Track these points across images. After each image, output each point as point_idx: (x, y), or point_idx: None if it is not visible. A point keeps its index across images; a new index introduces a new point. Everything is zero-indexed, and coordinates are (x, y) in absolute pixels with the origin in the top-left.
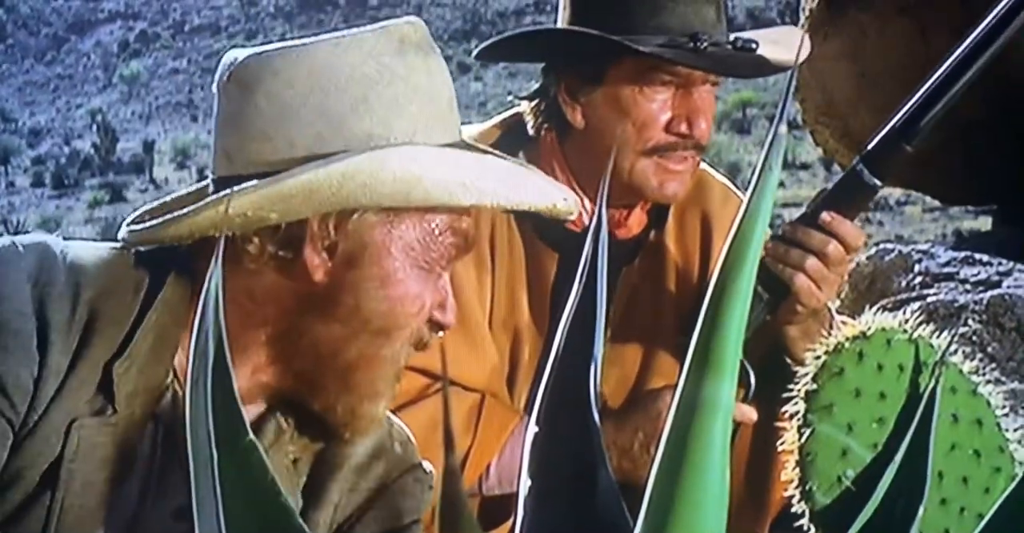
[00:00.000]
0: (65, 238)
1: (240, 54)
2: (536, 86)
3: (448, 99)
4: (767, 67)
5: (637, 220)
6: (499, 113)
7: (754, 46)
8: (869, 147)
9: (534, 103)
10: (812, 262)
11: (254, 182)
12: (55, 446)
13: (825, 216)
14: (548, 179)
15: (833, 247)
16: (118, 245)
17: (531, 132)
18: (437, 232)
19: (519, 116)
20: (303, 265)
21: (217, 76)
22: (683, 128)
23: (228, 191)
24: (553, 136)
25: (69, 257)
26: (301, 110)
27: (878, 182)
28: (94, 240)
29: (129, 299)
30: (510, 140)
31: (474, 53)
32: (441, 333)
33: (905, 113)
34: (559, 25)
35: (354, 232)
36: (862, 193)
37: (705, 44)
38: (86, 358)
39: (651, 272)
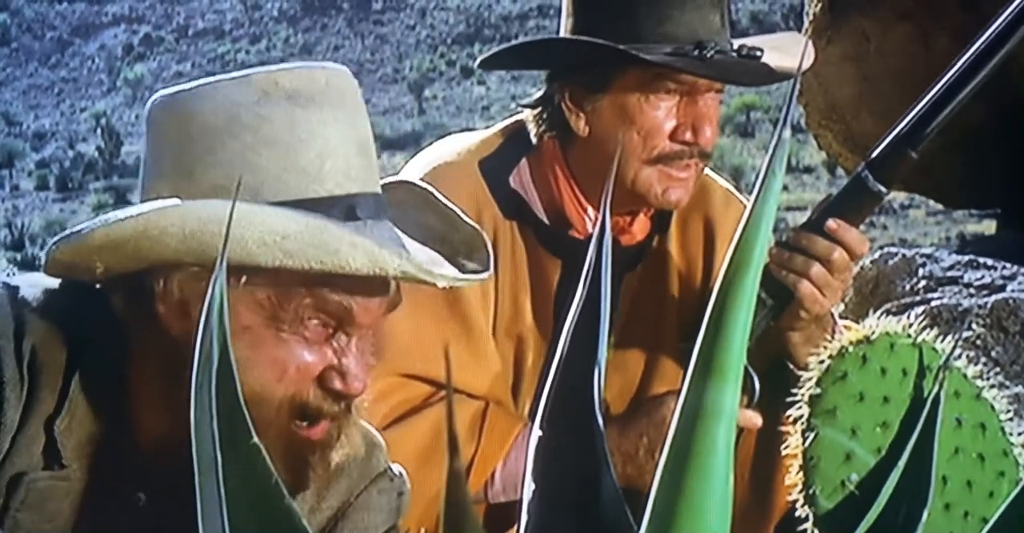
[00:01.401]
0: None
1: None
2: (539, 93)
3: (320, 153)
4: (773, 75)
5: (641, 226)
6: (503, 117)
7: (759, 54)
8: (874, 154)
9: (537, 110)
10: (817, 269)
11: (78, 230)
12: (4, 497)
13: (831, 223)
14: (394, 244)
15: (838, 254)
16: (60, 283)
17: (533, 139)
18: (292, 293)
19: (521, 123)
20: (161, 320)
21: None
22: (688, 136)
23: (61, 235)
24: (556, 143)
25: (16, 303)
26: (164, 161)
27: (883, 189)
28: None
29: (66, 345)
30: (512, 147)
31: (477, 62)
32: (344, 402)
33: (910, 120)
34: (562, 32)
35: (191, 288)
36: (867, 200)
37: (711, 52)
38: (33, 412)
39: (654, 278)
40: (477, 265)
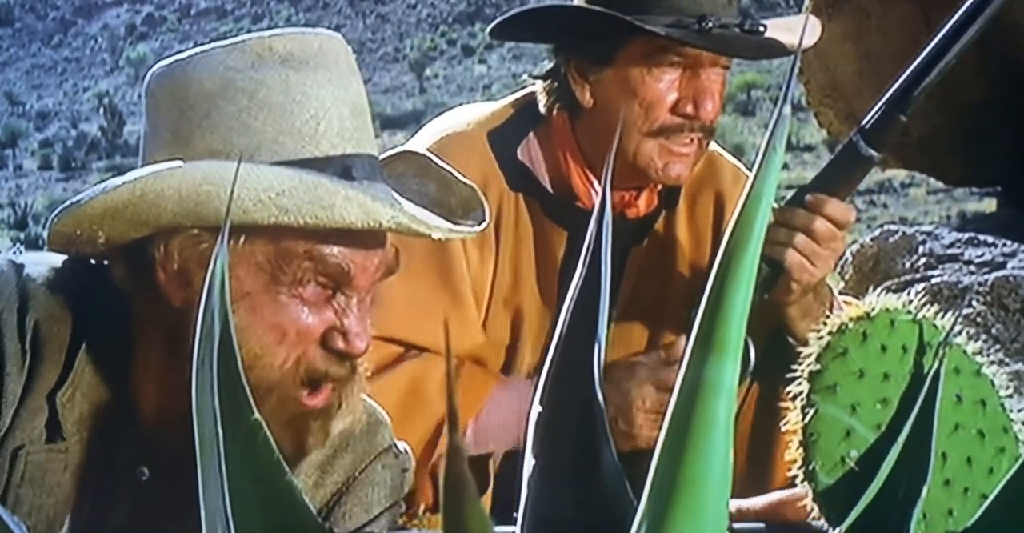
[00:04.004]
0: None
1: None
2: (549, 65)
3: (315, 114)
4: (773, 50)
5: (647, 201)
6: (503, 96)
7: (762, 29)
8: (864, 120)
9: (546, 82)
10: (800, 238)
11: (77, 199)
12: (6, 472)
13: (808, 197)
14: (387, 198)
15: (819, 223)
16: (64, 259)
17: (543, 110)
18: (290, 254)
19: (531, 96)
20: (162, 289)
21: None
22: (689, 109)
23: (66, 203)
24: (564, 116)
25: (21, 279)
26: (162, 129)
27: (875, 153)
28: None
29: (70, 321)
30: (521, 120)
31: (487, 30)
32: (348, 362)
33: (899, 85)
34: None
35: (190, 252)
36: (859, 165)
37: (711, 25)
38: (35, 387)
39: (661, 252)
40: (472, 222)
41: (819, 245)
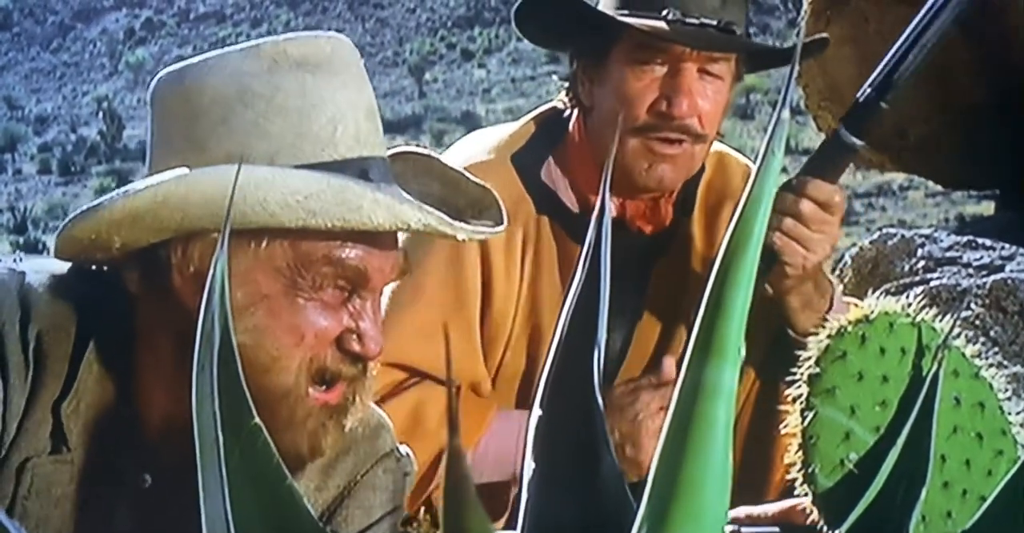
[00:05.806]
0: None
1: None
2: (569, 71)
3: (332, 118)
4: (719, 42)
5: (664, 212)
6: (503, 100)
7: (734, 29)
8: (848, 110)
9: (567, 87)
10: (788, 222)
11: (95, 204)
12: (13, 485)
13: (793, 181)
14: (412, 201)
15: (805, 205)
16: (66, 267)
17: (563, 108)
18: (310, 259)
19: (548, 112)
20: (177, 293)
21: None
22: (663, 107)
23: (77, 211)
24: (579, 123)
25: (23, 289)
26: (174, 135)
27: (857, 141)
28: None
29: (72, 330)
30: (541, 138)
31: (515, 9)
32: (361, 364)
33: (879, 71)
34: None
35: (210, 255)
36: (841, 153)
37: (674, 17)
38: (39, 398)
39: (683, 264)
40: (488, 221)
41: (809, 228)
